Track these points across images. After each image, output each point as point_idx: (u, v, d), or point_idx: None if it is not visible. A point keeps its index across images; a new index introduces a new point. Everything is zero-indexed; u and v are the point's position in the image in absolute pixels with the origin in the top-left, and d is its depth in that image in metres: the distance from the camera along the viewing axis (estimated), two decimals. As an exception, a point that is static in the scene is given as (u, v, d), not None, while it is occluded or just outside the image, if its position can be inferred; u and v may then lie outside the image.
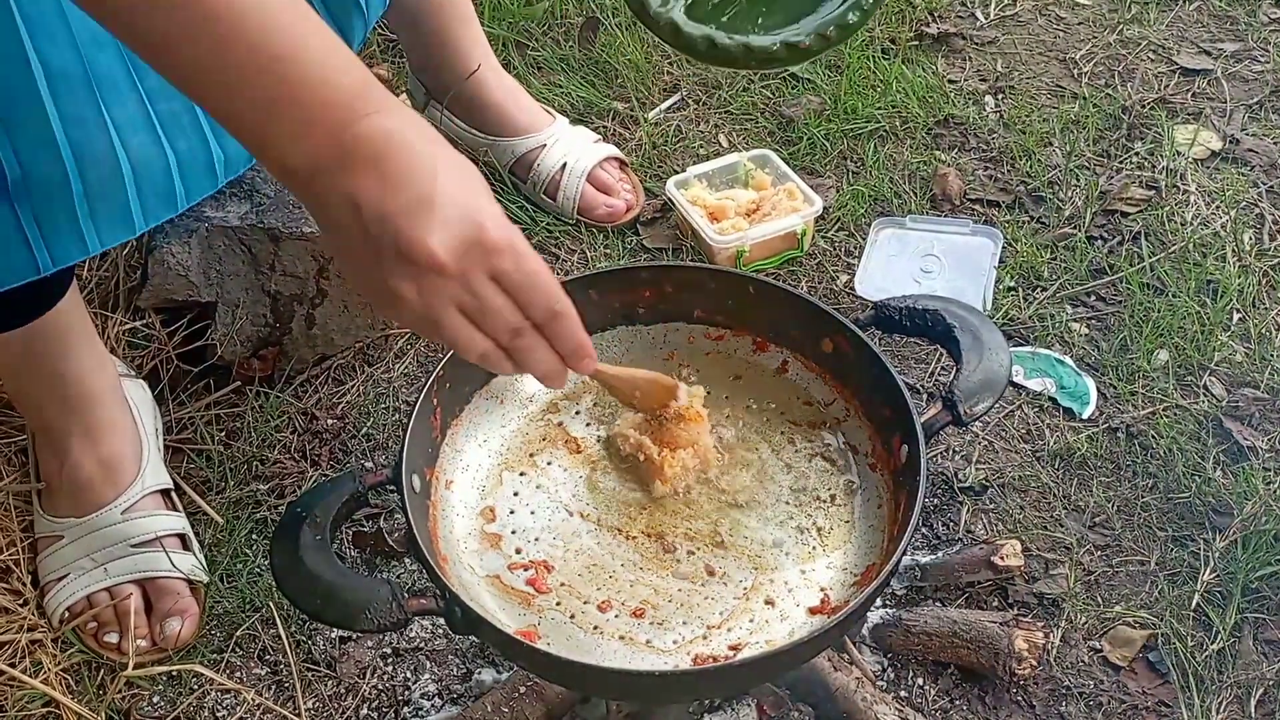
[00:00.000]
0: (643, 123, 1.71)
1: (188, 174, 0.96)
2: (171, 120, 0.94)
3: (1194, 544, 1.23)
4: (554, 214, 1.58)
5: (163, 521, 1.20)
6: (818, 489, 1.08)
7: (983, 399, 1.01)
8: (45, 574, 1.20)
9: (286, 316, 1.36)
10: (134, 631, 1.15)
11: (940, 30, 1.85)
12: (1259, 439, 1.31)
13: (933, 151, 1.67)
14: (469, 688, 1.14)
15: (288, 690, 1.15)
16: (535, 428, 1.14)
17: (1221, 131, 1.69)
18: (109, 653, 1.16)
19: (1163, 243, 1.52)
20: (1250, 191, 1.60)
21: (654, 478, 1.07)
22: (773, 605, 1.00)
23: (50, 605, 1.18)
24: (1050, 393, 1.37)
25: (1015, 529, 1.25)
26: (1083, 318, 1.46)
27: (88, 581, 1.17)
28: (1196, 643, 1.15)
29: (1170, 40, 1.84)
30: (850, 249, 1.55)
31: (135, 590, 1.17)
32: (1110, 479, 1.29)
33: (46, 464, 1.22)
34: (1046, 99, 1.75)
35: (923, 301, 1.09)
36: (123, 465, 1.21)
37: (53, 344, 1.15)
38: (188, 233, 1.30)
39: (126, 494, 1.20)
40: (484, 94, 1.58)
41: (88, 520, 1.19)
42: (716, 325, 1.18)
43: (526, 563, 1.03)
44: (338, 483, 0.98)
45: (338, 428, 1.36)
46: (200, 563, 1.21)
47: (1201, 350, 1.39)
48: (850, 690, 1.08)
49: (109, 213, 0.93)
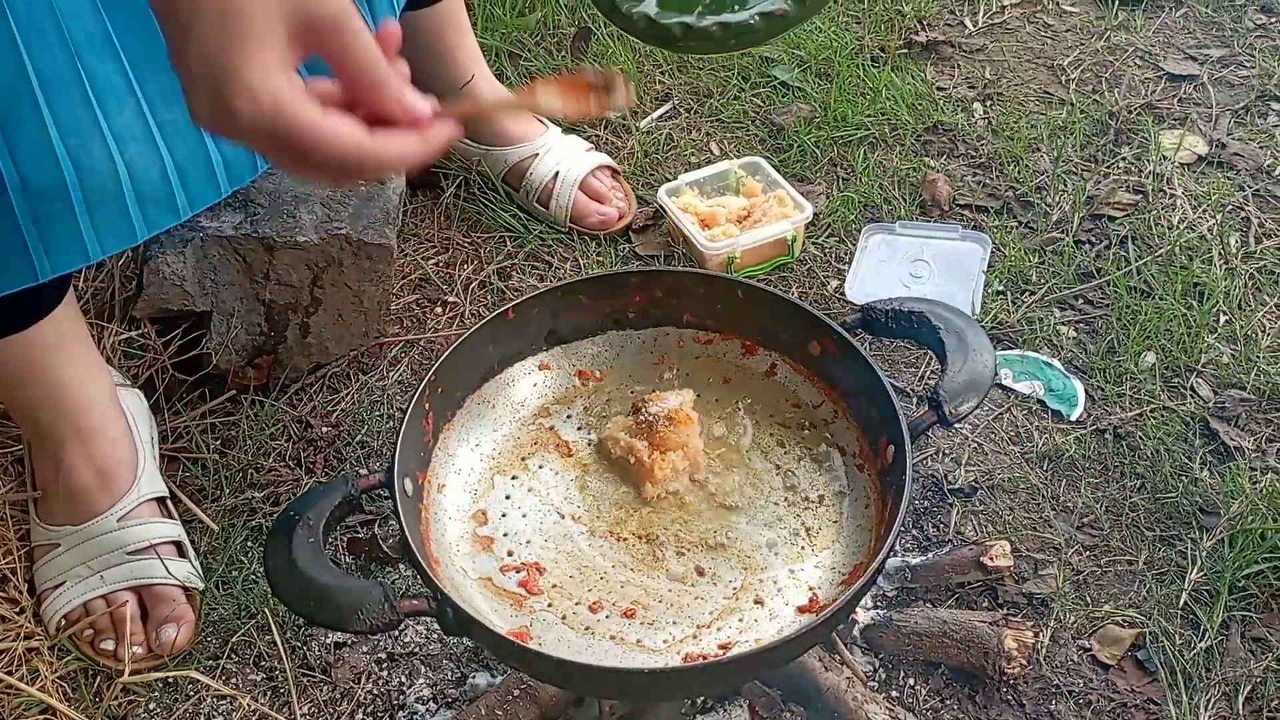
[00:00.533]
0: (634, 131, 1.73)
1: (189, 182, 0.97)
2: (171, 129, 0.95)
3: (1182, 543, 1.23)
4: (547, 222, 1.59)
5: (158, 529, 1.21)
6: (806, 490, 1.09)
7: (968, 399, 1.02)
8: (42, 582, 1.21)
9: (281, 325, 1.37)
10: (130, 638, 1.16)
11: (929, 38, 1.87)
12: (1245, 439, 1.32)
13: (922, 158, 1.68)
14: (463, 692, 1.15)
15: (283, 696, 1.16)
16: (527, 432, 1.15)
17: (1207, 136, 1.70)
18: (105, 660, 1.17)
19: (1149, 246, 1.53)
20: (1236, 195, 1.61)
21: (644, 480, 1.08)
22: (762, 604, 1.01)
23: (47, 613, 1.19)
24: (1039, 395, 1.38)
25: (1004, 530, 1.26)
26: (1071, 321, 1.47)
27: (84, 589, 1.18)
28: (1185, 641, 1.16)
29: (1157, 46, 1.86)
30: (840, 255, 1.56)
31: (131, 597, 1.18)
32: (1098, 480, 1.30)
33: (42, 472, 1.23)
34: (1034, 105, 1.77)
35: (908, 304, 1.10)
36: (118, 473, 1.22)
37: (49, 351, 1.16)
38: (183, 242, 1.31)
39: (122, 502, 1.21)
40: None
41: (84, 528, 1.20)
42: (706, 329, 1.19)
43: (518, 565, 1.04)
44: (331, 487, 0.99)
45: (332, 435, 1.37)
46: (196, 570, 1.22)
47: (1188, 352, 1.40)
48: (841, 690, 1.09)
49: (109, 220, 0.94)
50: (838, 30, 1.88)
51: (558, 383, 1.18)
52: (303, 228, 1.34)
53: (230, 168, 0.99)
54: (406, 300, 1.52)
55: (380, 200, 1.39)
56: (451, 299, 1.52)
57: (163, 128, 0.94)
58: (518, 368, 1.17)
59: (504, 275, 1.55)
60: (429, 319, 1.50)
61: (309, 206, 1.35)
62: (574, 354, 1.19)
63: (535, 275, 1.55)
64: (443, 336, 1.47)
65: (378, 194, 1.40)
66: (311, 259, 1.34)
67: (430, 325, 1.49)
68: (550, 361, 1.19)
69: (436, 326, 1.49)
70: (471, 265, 1.56)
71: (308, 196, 1.36)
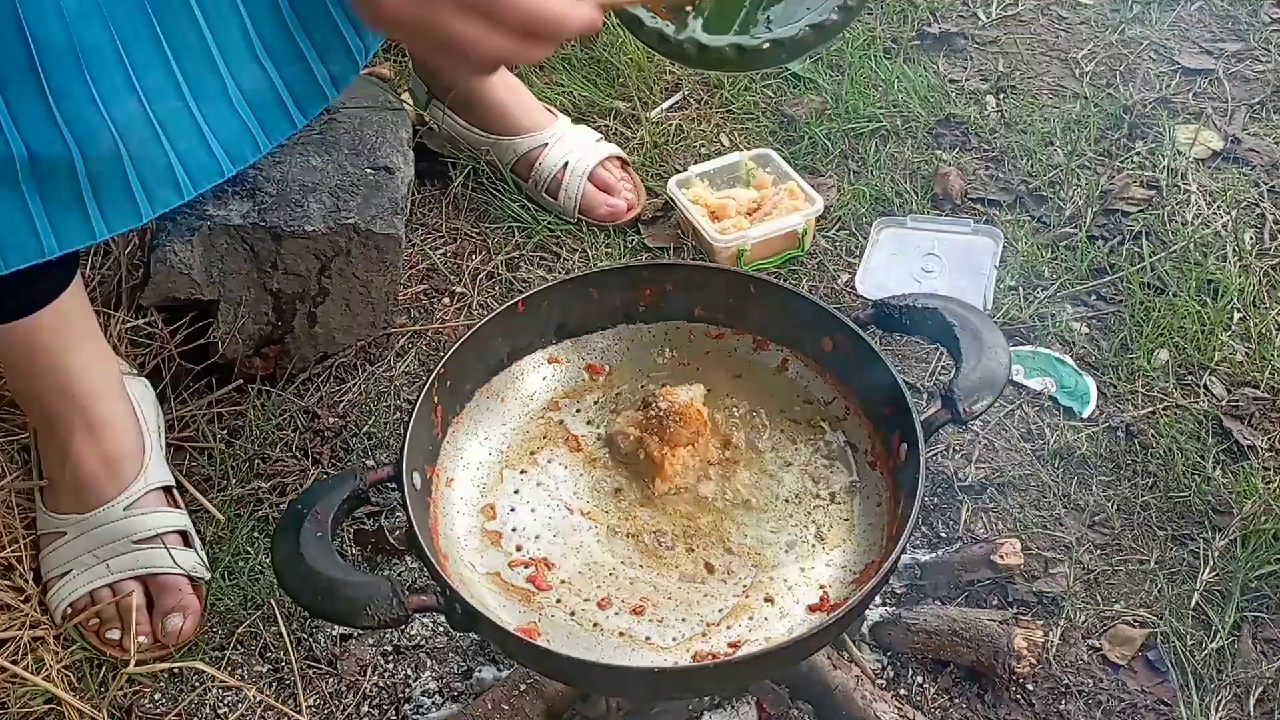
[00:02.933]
0: (644, 122, 1.71)
1: (190, 165, 0.96)
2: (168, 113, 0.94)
3: (1194, 543, 1.23)
4: (556, 213, 1.58)
5: (164, 518, 1.21)
6: (817, 487, 1.08)
7: (982, 397, 1.02)
8: (48, 570, 1.20)
9: (288, 315, 1.36)
10: (136, 628, 1.16)
11: (942, 30, 1.86)
12: (1259, 438, 1.31)
13: (934, 151, 1.67)
14: (470, 685, 1.14)
15: (289, 687, 1.15)
16: (536, 425, 1.14)
17: (1223, 131, 1.69)
18: (111, 649, 1.16)
19: (1163, 242, 1.52)
20: (1251, 191, 1.60)
21: (654, 475, 1.08)
22: (772, 603, 1.01)
23: (53, 601, 1.18)
24: (1050, 392, 1.37)
25: (1015, 528, 1.25)
26: (1083, 317, 1.46)
27: (90, 578, 1.18)
28: (1196, 641, 1.15)
29: (1172, 40, 1.84)
30: (851, 248, 1.55)
31: (137, 587, 1.18)
32: (1110, 478, 1.29)
33: (49, 460, 1.22)
34: (1048, 98, 1.76)
35: (922, 300, 1.09)
36: (125, 462, 1.21)
37: (57, 336, 1.15)
38: (190, 231, 1.30)
39: (129, 491, 1.20)
40: (486, 93, 1.58)
41: (90, 516, 1.19)
42: (717, 324, 1.18)
43: (527, 560, 1.04)
44: (339, 480, 0.98)
45: (339, 426, 1.36)
46: (202, 559, 1.21)
47: (1202, 350, 1.39)
48: (850, 688, 1.08)
49: (113, 197, 0.93)
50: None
51: (567, 376, 1.17)
52: (310, 217, 1.33)
53: (230, 148, 0.98)
54: (414, 290, 1.51)
55: (388, 190, 1.39)
56: (459, 290, 1.51)
57: (161, 118, 0.93)
58: (527, 361, 1.17)
59: (512, 266, 1.54)
60: (437, 310, 1.49)
61: (317, 196, 1.35)
62: (584, 347, 1.19)
63: (544, 267, 1.54)
64: (450, 327, 1.46)
65: (385, 183, 1.39)
66: (319, 248, 1.33)
67: (438, 316, 1.49)
68: (560, 355, 1.18)
69: (444, 317, 1.48)
70: (479, 256, 1.55)
71: (315, 186, 1.36)
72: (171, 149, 0.94)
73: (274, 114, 0.98)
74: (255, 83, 0.96)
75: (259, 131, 0.98)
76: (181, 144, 0.95)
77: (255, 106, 0.97)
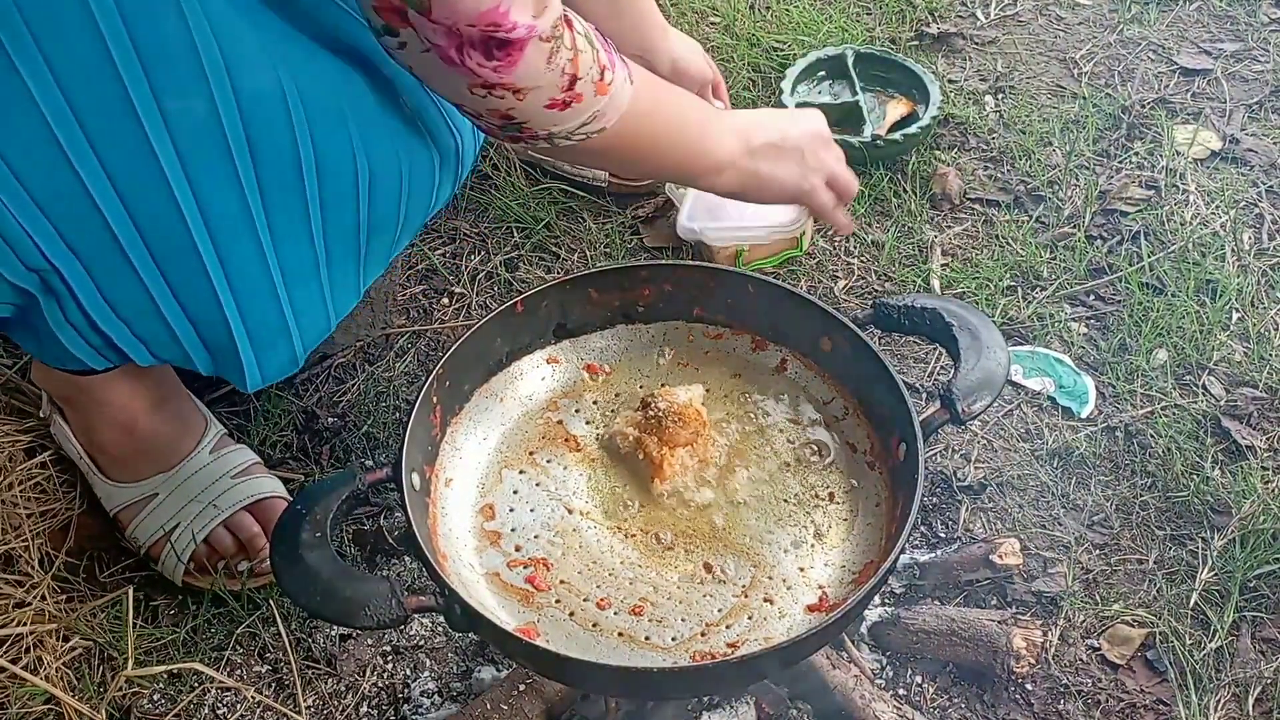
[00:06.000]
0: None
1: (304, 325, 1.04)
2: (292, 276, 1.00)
3: (1192, 543, 1.23)
4: (586, 184, 1.59)
5: (245, 453, 1.24)
6: (816, 487, 1.08)
7: (980, 397, 1.02)
8: (148, 535, 1.20)
9: (287, 315, 1.36)
10: (262, 552, 1.18)
11: (940, 30, 1.86)
12: (1257, 438, 1.31)
13: (933, 151, 1.67)
14: (469, 685, 1.14)
15: (288, 688, 1.15)
16: (535, 426, 1.14)
17: (1221, 131, 1.69)
18: (233, 585, 1.18)
19: (1162, 242, 1.52)
20: (1249, 191, 1.60)
21: (653, 476, 1.07)
22: (771, 603, 1.01)
23: (168, 563, 1.19)
24: (1049, 392, 1.37)
25: (1014, 527, 1.25)
26: (1082, 317, 1.46)
27: (203, 522, 1.19)
28: (1194, 641, 1.15)
29: (1170, 40, 1.84)
30: (850, 249, 1.55)
31: (248, 517, 1.20)
32: (1109, 478, 1.29)
33: (102, 435, 1.21)
34: (1046, 99, 1.76)
35: (921, 300, 1.09)
36: (193, 417, 1.24)
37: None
38: (189, 231, 1.30)
39: (207, 436, 1.23)
40: None
41: (179, 469, 1.21)
42: (715, 324, 1.18)
43: (526, 560, 1.04)
44: (337, 480, 0.98)
45: (338, 426, 1.36)
46: (281, 486, 1.24)
47: (1200, 350, 1.39)
48: (849, 688, 1.08)
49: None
50: (848, 21, 1.86)
51: (566, 376, 1.17)
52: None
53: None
54: (413, 291, 1.51)
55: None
56: (458, 290, 1.51)
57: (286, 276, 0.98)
58: (526, 361, 1.17)
59: (511, 266, 1.54)
60: (435, 310, 1.49)
61: (316, 196, 1.34)
62: (582, 347, 1.19)
63: (543, 267, 1.54)
64: (449, 328, 1.46)
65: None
66: (318, 249, 1.33)
67: (437, 316, 1.49)
68: (559, 355, 1.18)
69: (443, 318, 1.48)
70: (478, 256, 1.55)
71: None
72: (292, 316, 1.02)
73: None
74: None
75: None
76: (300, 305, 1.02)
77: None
